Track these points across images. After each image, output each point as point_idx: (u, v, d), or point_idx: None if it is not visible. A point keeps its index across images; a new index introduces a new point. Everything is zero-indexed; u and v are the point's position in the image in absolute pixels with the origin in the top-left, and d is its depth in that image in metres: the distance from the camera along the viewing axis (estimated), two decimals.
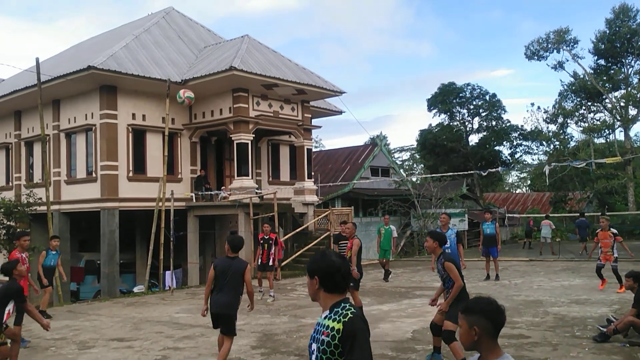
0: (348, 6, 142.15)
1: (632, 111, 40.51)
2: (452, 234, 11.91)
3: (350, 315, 3.05)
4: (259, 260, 14.70)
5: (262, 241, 14.78)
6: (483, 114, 52.64)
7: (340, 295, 3.17)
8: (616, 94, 41.87)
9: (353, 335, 2.98)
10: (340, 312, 3.09)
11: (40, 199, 20.43)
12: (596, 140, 43.28)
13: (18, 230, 10.19)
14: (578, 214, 28.56)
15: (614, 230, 13.96)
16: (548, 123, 44.93)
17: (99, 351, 9.09)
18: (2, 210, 21.02)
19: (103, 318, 12.43)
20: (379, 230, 18.08)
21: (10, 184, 26.25)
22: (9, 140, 26.31)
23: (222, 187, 23.24)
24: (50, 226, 17.53)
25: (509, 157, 52.38)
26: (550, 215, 32.76)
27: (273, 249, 14.70)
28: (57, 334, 10.63)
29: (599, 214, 33.56)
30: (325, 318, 3.15)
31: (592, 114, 44.25)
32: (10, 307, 7.66)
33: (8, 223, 21.15)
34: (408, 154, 72.84)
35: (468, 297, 6.95)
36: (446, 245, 11.66)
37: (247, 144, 21.98)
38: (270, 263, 14.68)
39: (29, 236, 10.21)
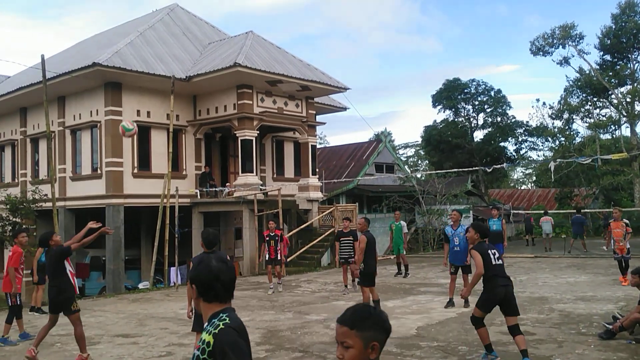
0: (353, 2, 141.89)
1: (638, 107, 40.30)
2: (462, 230, 11.81)
3: (221, 326, 2.73)
4: (267, 256, 15.20)
5: (268, 238, 15.29)
6: (488, 110, 52.53)
7: (220, 305, 2.83)
8: (622, 89, 41.69)
9: (222, 349, 2.66)
10: (215, 322, 2.77)
11: (46, 195, 20.49)
12: (602, 136, 43.12)
13: (17, 227, 10.25)
14: (583, 210, 28.43)
15: (626, 221, 14.41)
16: (553, 119, 44.78)
17: (104, 347, 9.12)
18: (8, 206, 21.11)
19: (108, 314, 12.47)
20: (390, 227, 18.05)
21: (16, 180, 26.34)
22: (14, 137, 26.40)
23: (227, 184, 23.26)
24: (56, 222, 17.57)
25: (514, 153, 52.27)
26: (554, 211, 32.72)
27: (279, 244, 15.31)
28: (63, 330, 10.65)
29: (606, 210, 33.45)
30: (204, 330, 2.83)
31: (597, 110, 44.08)
32: (70, 267, 8.24)
33: (14, 219, 21.26)
34: (413, 150, 72.79)
35: (495, 288, 7.20)
36: (455, 243, 11.70)
37: (252, 140, 21.98)
38: (279, 257, 15.30)
39: (26, 233, 10.18)
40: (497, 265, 7.31)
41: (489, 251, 7.36)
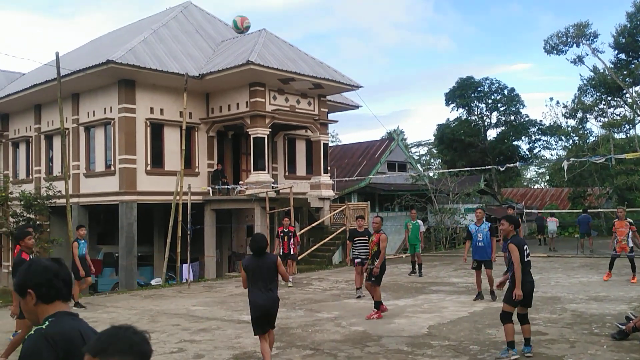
0: (366, 0, 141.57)
1: None
2: (485, 227, 12.27)
3: (32, 332, 2.50)
4: (280, 251, 15.99)
5: (282, 234, 16.19)
6: (501, 109, 52.19)
7: (62, 305, 2.63)
8: (637, 88, 41.29)
9: (21, 356, 2.46)
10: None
11: (60, 191, 20.66)
12: (616, 136, 42.73)
13: (19, 229, 8.95)
14: (596, 209, 28.21)
15: (630, 220, 14.71)
16: (567, 118, 44.43)
17: None
18: (22, 202, 21.31)
19: (120, 310, 12.56)
20: (406, 225, 17.78)
21: (30, 176, 26.57)
22: (29, 134, 26.63)
23: (240, 182, 23.33)
24: (70, 219, 17.73)
25: (527, 152, 51.90)
26: (566, 211, 32.45)
27: (292, 240, 16.24)
28: None
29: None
30: None
31: (612, 109, 43.65)
32: None
33: (28, 215, 21.45)
34: (425, 148, 72.55)
35: (524, 284, 7.47)
36: (479, 239, 11.77)
37: (264, 138, 22.02)
38: (292, 252, 16.21)
39: (32, 235, 8.83)
40: (527, 262, 7.66)
41: (525, 247, 7.67)
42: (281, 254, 15.87)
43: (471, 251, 12.47)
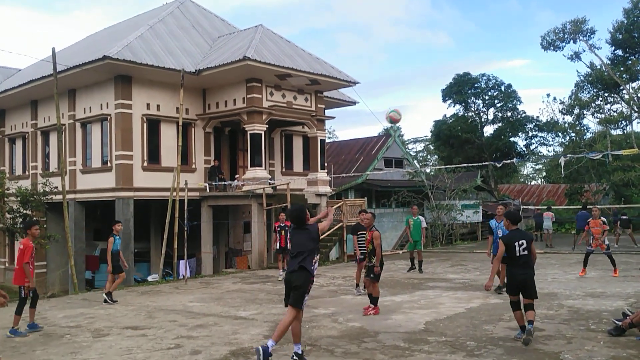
0: None
1: None
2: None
3: None
4: (278, 245, 16.35)
5: (279, 229, 16.44)
6: (498, 105, 52.22)
7: None
8: (634, 84, 41.31)
9: None
10: None
11: (56, 188, 20.61)
12: (613, 132, 42.76)
13: (28, 219, 10.12)
14: (585, 205, 28.23)
15: (604, 219, 15.57)
16: (564, 114, 44.45)
17: (113, 339, 9.18)
18: (19, 198, 21.28)
19: (117, 306, 12.54)
20: (407, 222, 17.54)
21: (27, 172, 26.51)
22: (25, 130, 26.56)
23: (236, 176, 23.31)
24: (66, 215, 17.67)
25: (524, 149, 51.96)
26: (563, 207, 32.51)
27: (289, 234, 16.25)
28: (72, 322, 10.74)
29: (615, 206, 33.25)
30: None
31: (608, 105, 43.69)
32: None
33: (24, 211, 21.42)
34: (422, 145, 72.53)
35: (514, 275, 8.23)
36: (499, 235, 12.01)
37: (261, 134, 21.98)
38: (289, 246, 15.86)
39: (38, 225, 10.14)
40: (520, 256, 8.12)
41: (516, 243, 8.11)
42: (278, 247, 16.45)
43: (492, 246, 13.02)
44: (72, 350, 8.54)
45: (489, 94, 52.20)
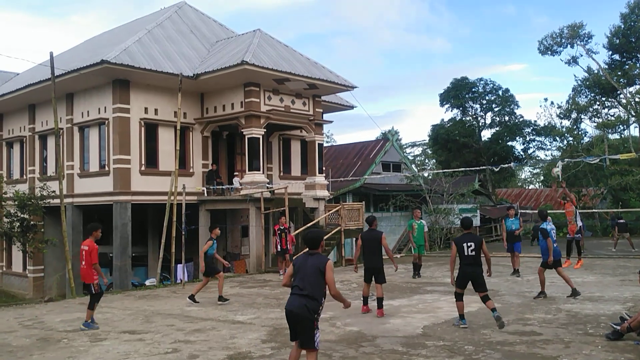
0: (361, 1, 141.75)
1: None
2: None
3: None
4: (278, 247, 17.35)
5: (279, 231, 17.42)
6: (496, 109, 52.36)
7: None
8: (631, 89, 41.47)
9: None
10: None
11: (54, 191, 20.58)
12: (610, 136, 42.93)
13: (91, 223, 10.92)
14: (591, 210, 28.25)
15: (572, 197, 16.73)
16: (561, 118, 44.61)
17: (111, 343, 9.15)
18: (17, 202, 21.22)
19: (115, 310, 12.51)
20: (410, 226, 17.22)
21: (25, 176, 26.47)
22: (23, 134, 26.52)
23: (235, 174, 23.29)
24: (64, 219, 17.64)
25: (521, 153, 52.10)
26: (562, 211, 32.28)
27: (288, 236, 17.70)
28: (69, 326, 10.71)
29: (613, 210, 33.28)
30: None
31: (606, 110, 43.87)
32: None
33: (22, 215, 21.36)
34: (420, 149, 72.60)
35: (464, 272, 9.56)
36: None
37: (259, 138, 21.98)
38: (289, 247, 17.62)
39: (101, 228, 11.05)
40: (468, 255, 9.40)
41: (464, 244, 9.42)
42: (279, 250, 17.44)
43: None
44: (69, 354, 8.52)
45: (487, 98, 52.34)
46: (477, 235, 10.01)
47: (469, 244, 9.40)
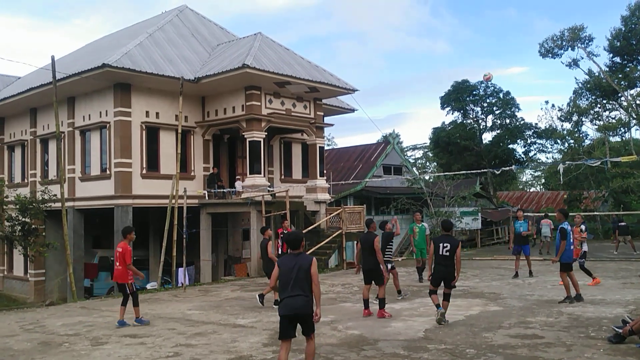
0: (363, 4, 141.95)
1: None
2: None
3: None
4: (280, 251, 16.35)
5: (282, 235, 16.50)
6: (497, 112, 52.34)
7: None
8: (632, 91, 41.47)
9: None
10: None
11: (55, 195, 20.58)
12: (611, 139, 42.91)
13: (125, 226, 11.70)
14: (592, 212, 28.22)
15: (583, 227, 15.78)
16: (562, 121, 44.63)
17: (112, 347, 9.15)
18: (18, 206, 21.22)
19: (116, 314, 12.48)
20: (411, 229, 17.06)
21: (26, 180, 26.49)
22: (24, 137, 26.55)
23: (237, 177, 23.28)
24: (65, 223, 17.64)
25: (523, 156, 52.05)
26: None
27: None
28: (71, 330, 10.71)
29: (615, 212, 33.24)
30: None
31: (607, 112, 43.88)
32: None
33: (23, 219, 21.36)
34: (421, 152, 72.53)
35: (437, 272, 10.20)
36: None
37: (260, 141, 21.99)
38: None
39: (134, 230, 11.49)
40: (442, 255, 9.97)
41: (440, 244, 9.99)
42: (280, 253, 16.35)
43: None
44: (71, 358, 8.52)
45: (488, 101, 52.33)
46: (455, 238, 10.34)
47: (444, 245, 9.94)
